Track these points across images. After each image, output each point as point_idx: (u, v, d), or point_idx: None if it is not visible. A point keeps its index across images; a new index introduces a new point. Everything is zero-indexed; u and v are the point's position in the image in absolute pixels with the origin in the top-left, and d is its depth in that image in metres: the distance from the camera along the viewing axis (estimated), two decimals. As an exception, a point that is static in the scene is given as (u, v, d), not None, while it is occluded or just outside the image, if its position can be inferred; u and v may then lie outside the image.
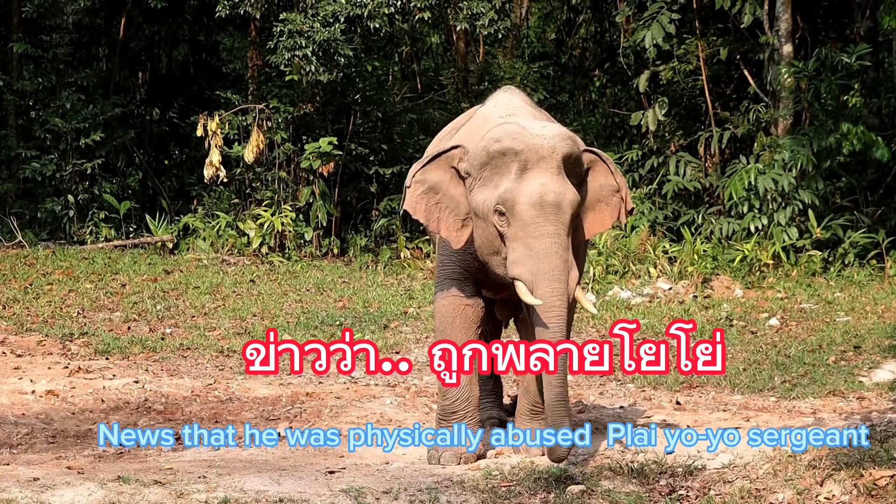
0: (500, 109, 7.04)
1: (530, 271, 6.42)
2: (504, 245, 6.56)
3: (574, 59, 19.94)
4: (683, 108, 16.85)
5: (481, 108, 7.29)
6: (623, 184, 6.86)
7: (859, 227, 14.45)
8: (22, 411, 8.43)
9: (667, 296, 12.94)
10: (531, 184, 6.44)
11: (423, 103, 19.56)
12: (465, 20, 16.76)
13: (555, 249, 6.43)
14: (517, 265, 6.46)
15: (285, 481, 6.54)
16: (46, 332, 11.32)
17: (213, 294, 13.34)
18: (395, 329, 11.67)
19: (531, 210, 6.42)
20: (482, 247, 6.69)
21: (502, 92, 7.39)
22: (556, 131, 6.58)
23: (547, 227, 6.43)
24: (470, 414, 7.06)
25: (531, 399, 7.08)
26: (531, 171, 6.47)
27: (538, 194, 6.42)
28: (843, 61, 14.40)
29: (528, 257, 6.43)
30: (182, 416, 8.44)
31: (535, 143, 6.48)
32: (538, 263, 6.41)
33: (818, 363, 9.89)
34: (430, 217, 6.79)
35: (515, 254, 6.47)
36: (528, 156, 6.46)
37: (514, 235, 6.47)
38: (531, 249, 6.42)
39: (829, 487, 6.34)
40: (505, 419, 7.80)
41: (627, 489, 6.67)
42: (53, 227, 17.56)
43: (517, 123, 6.65)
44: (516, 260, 6.46)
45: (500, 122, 6.73)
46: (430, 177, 6.79)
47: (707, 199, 15.94)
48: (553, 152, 6.49)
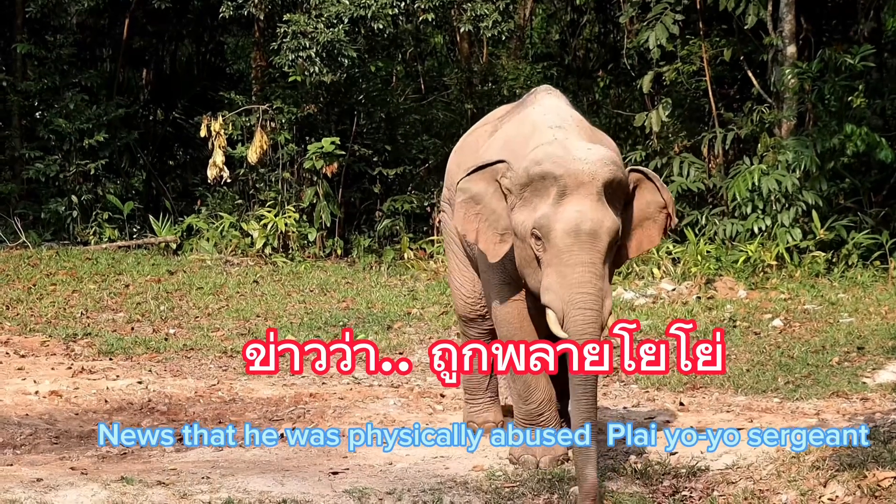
0: (550, 118, 6.91)
1: (561, 300, 6.32)
2: (540, 268, 6.48)
3: (578, 60, 19.94)
4: (687, 110, 16.84)
5: (528, 110, 7.11)
6: (669, 200, 6.77)
7: (863, 228, 14.43)
8: (25, 412, 8.44)
9: (670, 297, 12.93)
10: (568, 210, 6.33)
11: (427, 104, 19.55)
12: (468, 22, 16.75)
13: (588, 279, 6.31)
14: (549, 292, 6.37)
15: (289, 482, 6.55)
16: (50, 332, 11.33)
17: (217, 295, 13.35)
18: (399, 330, 11.67)
19: (566, 238, 6.32)
20: (521, 265, 6.63)
21: (547, 94, 7.23)
22: (599, 155, 6.43)
23: (581, 256, 6.31)
24: (555, 414, 7.05)
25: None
26: (570, 197, 6.35)
27: (574, 222, 6.30)
28: (847, 62, 14.38)
29: (560, 286, 6.33)
30: (185, 416, 8.45)
31: (575, 168, 6.35)
32: (570, 292, 6.30)
33: (822, 364, 9.89)
34: (469, 227, 6.72)
35: (548, 280, 6.39)
36: (568, 181, 6.34)
37: (549, 262, 6.39)
38: (564, 278, 6.32)
39: (833, 488, 6.34)
40: (502, 420, 7.77)
41: (631, 490, 6.68)
42: (57, 228, 17.57)
43: (562, 145, 6.53)
44: (548, 287, 6.38)
45: (547, 141, 6.61)
46: (472, 187, 6.70)
47: (711, 200, 15.92)
48: (594, 178, 6.35)
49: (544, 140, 6.63)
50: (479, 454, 7.29)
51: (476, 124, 7.79)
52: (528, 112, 7.11)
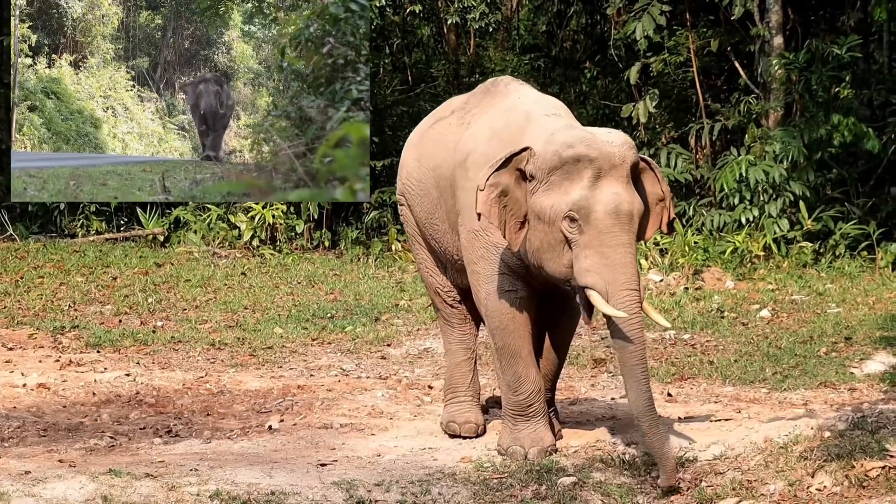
0: (542, 107, 6.99)
1: (605, 280, 6.39)
2: (567, 250, 6.51)
3: (565, 52, 19.92)
4: (674, 100, 16.85)
5: (510, 100, 7.14)
6: (667, 192, 6.82)
7: (850, 218, 14.46)
8: (13, 405, 8.43)
9: (658, 287, 12.95)
10: (605, 192, 6.42)
11: (414, 96, 19.53)
12: (456, 13, 16.75)
13: (629, 259, 6.44)
14: (590, 274, 6.42)
15: (277, 474, 6.55)
16: (37, 325, 11.31)
17: (205, 287, 13.33)
18: (387, 322, 11.67)
19: (607, 219, 6.40)
20: (540, 249, 6.62)
21: (520, 84, 7.30)
22: (622, 139, 6.56)
23: (622, 237, 6.42)
24: (543, 406, 7.08)
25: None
26: (605, 180, 6.44)
27: (614, 203, 6.41)
28: (834, 53, 14.40)
29: (603, 266, 6.39)
30: (173, 408, 8.44)
31: (608, 150, 6.45)
32: (614, 273, 6.39)
33: (809, 355, 9.90)
34: (501, 220, 6.68)
35: (589, 262, 6.43)
36: (602, 164, 6.43)
37: (588, 244, 6.43)
38: (607, 259, 6.40)
39: (821, 479, 6.35)
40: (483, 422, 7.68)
41: (619, 481, 6.69)
42: (44, 221, 17.52)
43: (585, 129, 6.64)
44: (590, 268, 6.42)
45: (564, 126, 6.67)
46: (502, 180, 6.65)
47: (698, 190, 15.93)
48: (624, 161, 6.47)
49: (553, 127, 6.67)
50: (468, 446, 7.29)
51: (430, 118, 7.71)
52: (512, 102, 7.12)
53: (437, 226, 7.39)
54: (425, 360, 10.14)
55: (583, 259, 6.45)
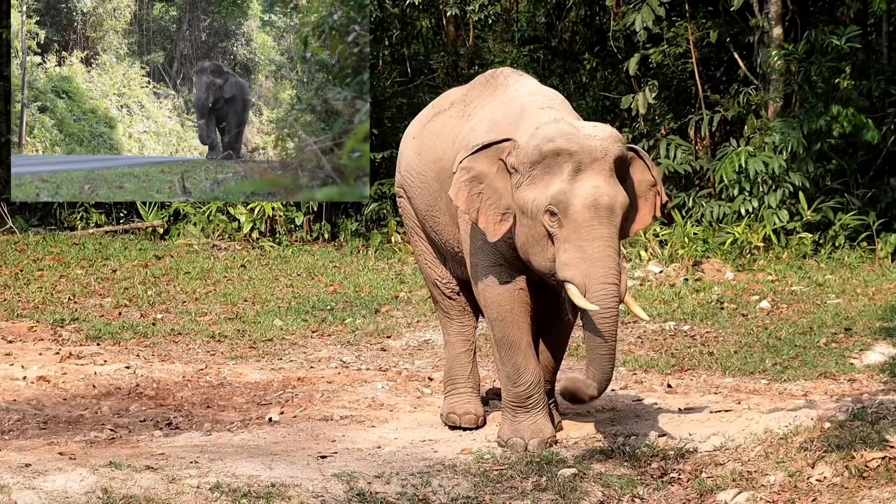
0: (537, 99, 6.97)
1: (583, 274, 6.38)
2: (550, 245, 6.52)
3: (564, 43, 19.89)
4: (673, 92, 16.84)
5: (509, 92, 7.14)
6: (658, 177, 6.83)
7: (850, 209, 14.46)
8: (13, 397, 8.43)
9: (658, 279, 12.95)
10: (585, 186, 6.42)
11: (413, 87, 19.51)
12: (455, 5, 16.73)
13: (608, 253, 6.41)
14: (569, 268, 6.42)
15: (277, 466, 6.55)
16: (37, 318, 11.31)
17: (204, 279, 13.33)
18: (387, 313, 11.67)
19: (585, 212, 6.39)
20: (526, 244, 6.63)
21: (519, 76, 7.31)
22: (607, 133, 6.54)
23: (601, 231, 6.41)
24: (543, 397, 7.09)
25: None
26: (584, 173, 6.43)
27: (593, 197, 6.40)
28: (833, 44, 14.39)
29: (580, 260, 6.39)
30: (174, 401, 8.44)
31: (589, 144, 6.45)
32: (591, 267, 6.38)
33: (809, 345, 9.90)
34: (471, 206, 6.70)
35: (567, 256, 6.43)
36: (583, 157, 6.42)
37: (567, 237, 6.43)
38: (584, 252, 6.39)
39: (821, 469, 6.35)
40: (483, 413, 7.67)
41: (619, 472, 6.69)
42: (44, 213, 17.51)
43: (569, 123, 6.61)
44: (568, 262, 6.42)
45: (548, 120, 6.65)
46: (476, 165, 6.69)
47: (697, 182, 15.93)
48: (606, 154, 6.46)
49: (542, 120, 6.66)
50: (468, 437, 7.30)
51: (429, 111, 7.68)
52: (510, 94, 7.12)
53: (437, 218, 7.39)
54: (425, 352, 10.14)
55: (562, 253, 6.46)
